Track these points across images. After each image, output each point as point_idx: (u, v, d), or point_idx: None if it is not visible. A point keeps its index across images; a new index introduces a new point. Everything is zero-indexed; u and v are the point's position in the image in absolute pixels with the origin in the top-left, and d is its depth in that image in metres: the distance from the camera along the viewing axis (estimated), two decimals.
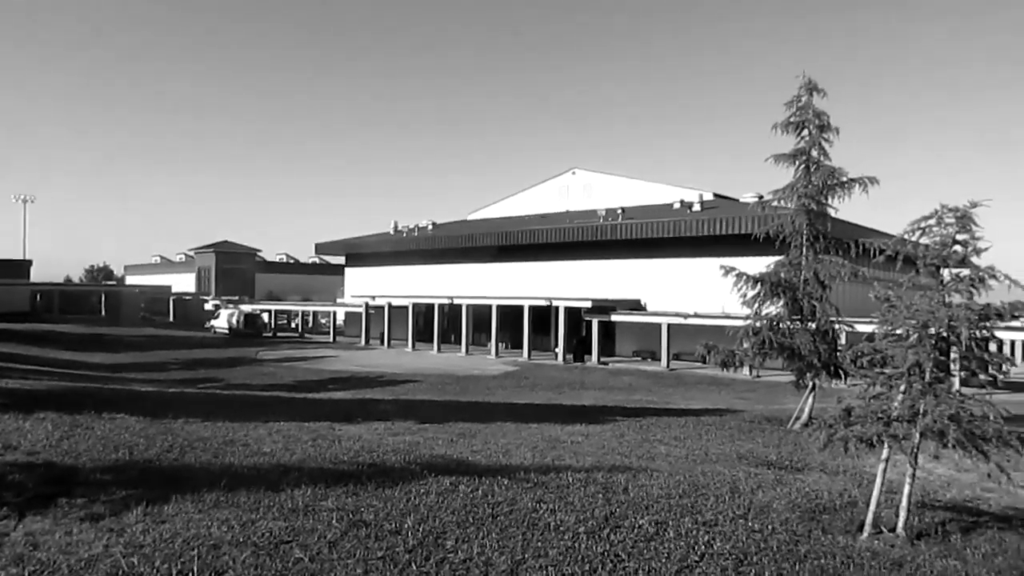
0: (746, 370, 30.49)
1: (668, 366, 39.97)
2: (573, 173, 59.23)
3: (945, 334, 8.28)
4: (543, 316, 46.86)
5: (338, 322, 65.15)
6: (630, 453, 13.52)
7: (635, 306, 45.77)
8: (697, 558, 7.19)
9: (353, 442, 12.79)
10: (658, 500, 9.37)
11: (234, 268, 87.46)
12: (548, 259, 51.33)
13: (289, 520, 7.61)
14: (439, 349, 50.03)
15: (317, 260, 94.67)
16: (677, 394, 29.52)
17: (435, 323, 50.89)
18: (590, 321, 43.93)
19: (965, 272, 8.65)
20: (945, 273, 8.82)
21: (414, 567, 6.50)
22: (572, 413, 20.35)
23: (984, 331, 8.35)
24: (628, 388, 31.69)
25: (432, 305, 51.71)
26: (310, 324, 70.89)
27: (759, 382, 33.42)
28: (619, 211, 49.24)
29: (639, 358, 45.09)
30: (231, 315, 62.29)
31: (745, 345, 18.91)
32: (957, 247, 8.61)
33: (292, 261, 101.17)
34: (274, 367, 38.12)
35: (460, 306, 49.72)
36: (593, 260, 49.08)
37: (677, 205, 49.13)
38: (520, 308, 46.26)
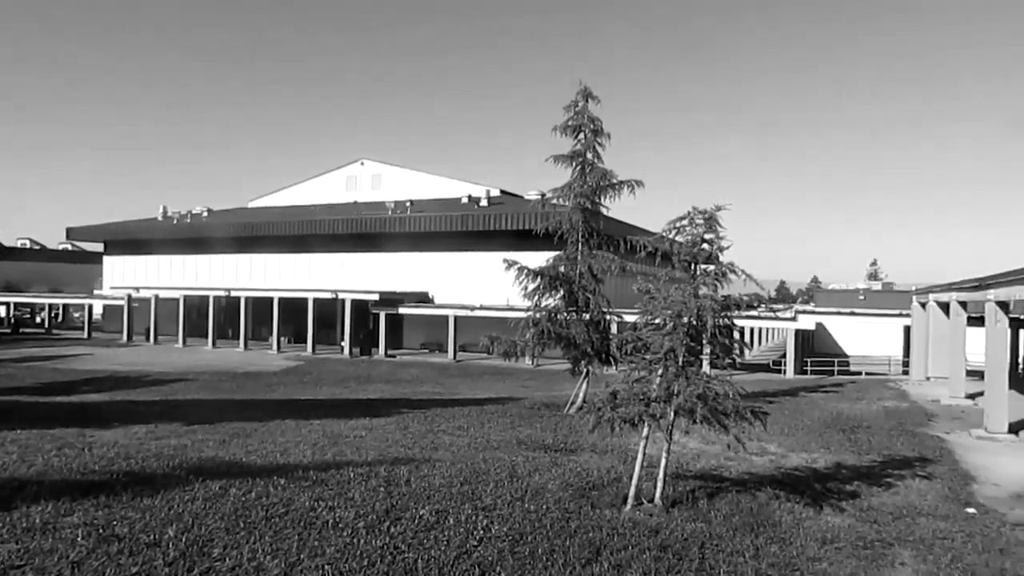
0: (528, 359, 31.87)
1: (455, 358, 40.69)
2: (361, 164, 58.06)
3: (695, 322, 9.26)
4: (329, 309, 45.53)
5: (95, 316, 58.41)
6: (414, 445, 13.57)
7: (423, 299, 46.00)
8: (476, 542, 7.38)
9: (107, 449, 11.54)
10: (439, 489, 9.48)
11: None
12: (334, 251, 49.88)
13: (22, 542, 6.68)
14: (215, 345, 46.69)
15: (69, 247, 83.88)
16: (463, 385, 30.12)
17: (210, 317, 47.43)
18: (377, 314, 43.42)
19: (711, 267, 9.72)
20: (697, 268, 9.85)
21: None
22: (356, 407, 20.00)
23: (726, 319, 9.45)
24: (415, 380, 31.76)
25: (207, 297, 48.08)
26: (60, 319, 62.94)
27: (539, 370, 35.12)
28: (408, 204, 49.13)
29: (427, 350, 45.38)
30: None
31: (526, 335, 19.82)
32: (705, 245, 9.65)
33: (38, 247, 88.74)
34: (13, 368, 33.19)
35: (238, 299, 46.80)
36: (381, 253, 48.50)
37: (465, 200, 50.04)
38: (304, 301, 44.57)
